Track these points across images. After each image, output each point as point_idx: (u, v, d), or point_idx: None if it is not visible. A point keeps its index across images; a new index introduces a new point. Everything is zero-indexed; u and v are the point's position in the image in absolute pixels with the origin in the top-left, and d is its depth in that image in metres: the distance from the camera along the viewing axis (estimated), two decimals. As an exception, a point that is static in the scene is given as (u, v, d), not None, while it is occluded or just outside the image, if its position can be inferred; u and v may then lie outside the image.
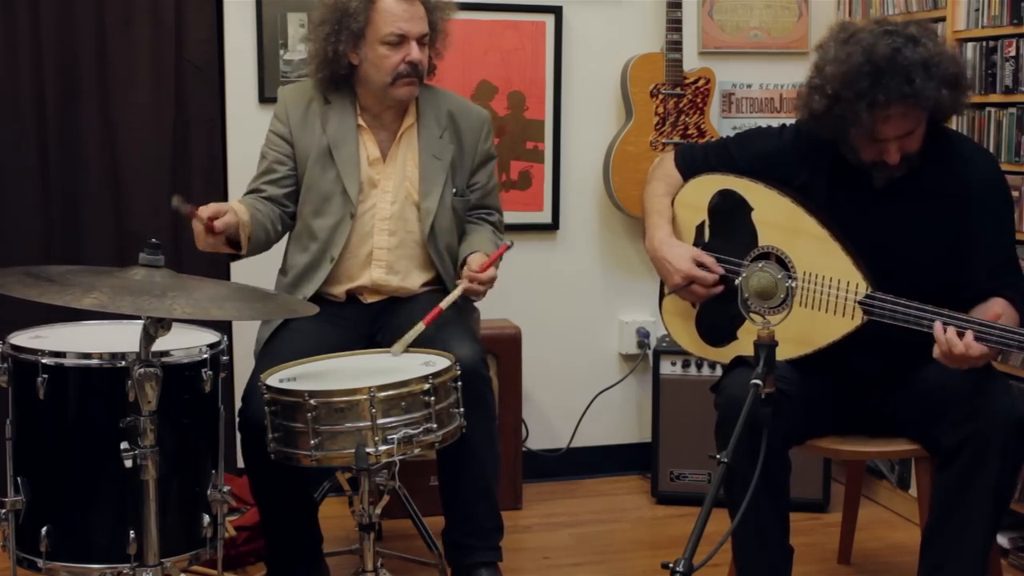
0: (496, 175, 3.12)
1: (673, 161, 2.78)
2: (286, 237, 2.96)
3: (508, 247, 2.81)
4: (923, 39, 2.39)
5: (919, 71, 2.34)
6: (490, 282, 2.77)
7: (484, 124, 3.01)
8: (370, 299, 2.92)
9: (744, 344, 2.58)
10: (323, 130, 2.86)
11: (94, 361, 2.25)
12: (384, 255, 2.89)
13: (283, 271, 2.96)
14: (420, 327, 2.65)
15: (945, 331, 2.31)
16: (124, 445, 2.14)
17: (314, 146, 2.86)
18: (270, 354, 2.72)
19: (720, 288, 2.62)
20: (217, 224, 2.57)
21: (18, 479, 2.28)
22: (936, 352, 2.33)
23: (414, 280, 2.93)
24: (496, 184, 3.11)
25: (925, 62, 2.35)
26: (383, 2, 2.78)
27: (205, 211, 2.56)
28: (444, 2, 2.91)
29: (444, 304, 2.70)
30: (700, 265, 2.61)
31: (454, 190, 2.94)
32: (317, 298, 2.81)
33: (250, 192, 2.90)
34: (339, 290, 2.90)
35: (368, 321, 2.90)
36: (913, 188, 2.53)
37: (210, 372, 2.32)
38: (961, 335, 2.28)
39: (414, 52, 2.78)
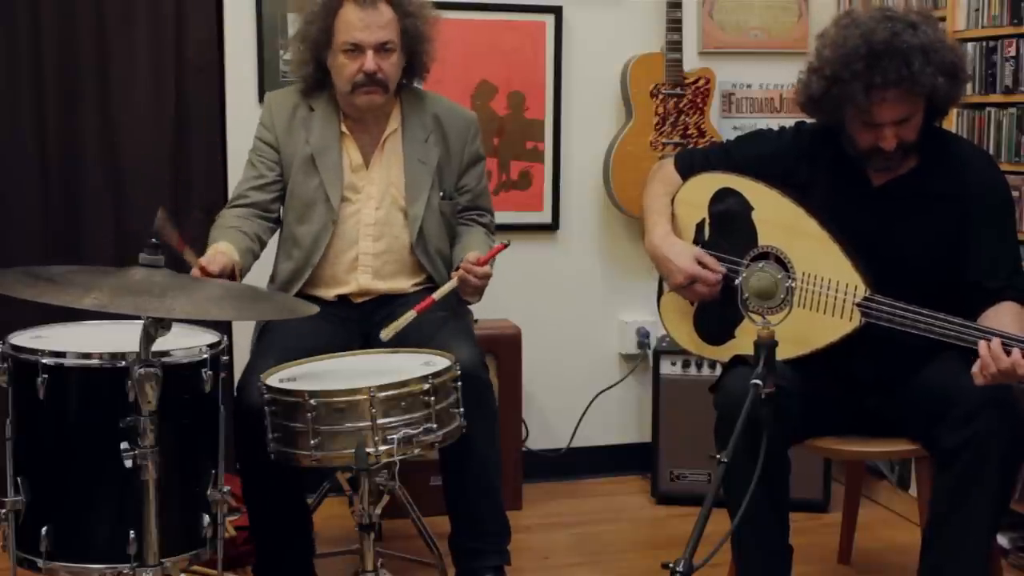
0: (487, 176, 3.11)
1: (673, 165, 2.78)
2: (275, 245, 2.96)
3: (505, 246, 2.80)
4: (923, 26, 2.40)
5: (917, 56, 2.35)
6: (485, 278, 2.76)
7: (471, 126, 3.00)
8: (359, 300, 2.92)
9: (742, 343, 2.58)
10: (306, 139, 2.87)
11: (94, 361, 2.24)
12: (370, 260, 2.89)
13: (272, 278, 2.96)
14: (411, 314, 2.66)
15: (990, 346, 2.22)
16: (124, 445, 2.14)
17: (298, 154, 2.87)
18: (264, 350, 2.74)
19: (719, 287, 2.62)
20: (212, 269, 2.54)
21: (18, 479, 2.27)
22: (976, 367, 2.24)
23: (402, 283, 2.92)
24: (487, 185, 3.10)
25: (924, 48, 2.36)
26: (343, 11, 2.78)
27: (199, 261, 2.53)
28: (419, 4, 2.86)
29: (437, 295, 2.71)
30: (702, 264, 2.61)
31: (441, 193, 2.93)
32: (306, 299, 2.79)
33: (234, 201, 2.90)
34: (328, 294, 2.90)
35: (361, 319, 2.89)
36: (912, 189, 2.53)
37: (210, 372, 2.32)
38: (1008, 351, 2.21)
39: (368, 62, 2.76)
